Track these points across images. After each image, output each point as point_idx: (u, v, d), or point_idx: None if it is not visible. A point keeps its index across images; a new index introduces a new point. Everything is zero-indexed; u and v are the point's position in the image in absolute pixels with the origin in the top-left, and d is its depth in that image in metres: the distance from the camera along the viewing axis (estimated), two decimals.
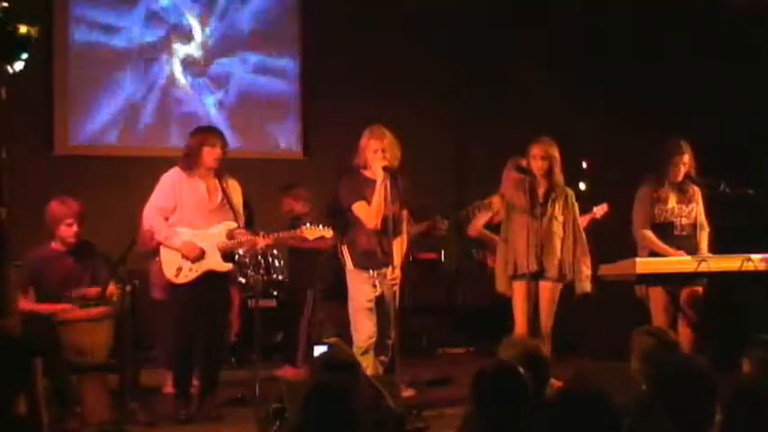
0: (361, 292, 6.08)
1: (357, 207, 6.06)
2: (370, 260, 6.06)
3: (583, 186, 8.11)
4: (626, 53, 9.33)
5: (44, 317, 5.68)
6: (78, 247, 5.91)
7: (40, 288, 5.83)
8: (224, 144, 6.02)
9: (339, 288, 6.53)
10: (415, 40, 9.46)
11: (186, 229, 5.97)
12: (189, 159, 5.98)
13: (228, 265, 6.04)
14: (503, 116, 9.39)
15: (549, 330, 6.14)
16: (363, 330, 6.03)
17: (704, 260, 6.05)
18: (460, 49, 9.53)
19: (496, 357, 3.80)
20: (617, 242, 6.72)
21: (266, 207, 7.68)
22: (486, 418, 3.31)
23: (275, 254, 7.81)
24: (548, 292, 6.16)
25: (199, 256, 5.91)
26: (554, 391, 3.63)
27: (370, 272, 6.07)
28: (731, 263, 6.06)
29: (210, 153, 5.94)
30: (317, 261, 7.53)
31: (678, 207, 6.36)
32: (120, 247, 6.07)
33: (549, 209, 6.18)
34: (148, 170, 6.92)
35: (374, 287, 6.07)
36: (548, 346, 5.87)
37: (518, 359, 3.58)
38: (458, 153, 9.79)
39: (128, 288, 5.71)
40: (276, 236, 6.10)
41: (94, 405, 5.69)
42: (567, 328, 6.50)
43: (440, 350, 8.92)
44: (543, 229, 6.13)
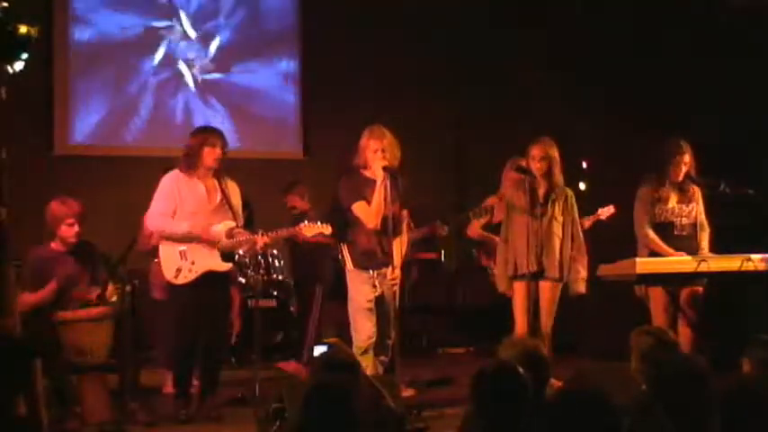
0: (360, 292, 6.09)
1: (357, 207, 6.06)
2: (370, 260, 6.06)
3: (583, 186, 8.11)
4: (626, 53, 9.32)
5: (44, 317, 5.68)
6: (78, 247, 5.91)
7: (40, 288, 5.82)
8: (224, 144, 6.01)
9: (339, 288, 6.53)
10: (415, 40, 9.47)
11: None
12: (189, 159, 5.97)
13: (228, 265, 6.03)
14: (503, 116, 9.40)
15: (549, 330, 6.14)
16: (363, 330, 6.03)
17: (704, 260, 6.05)
18: (460, 49, 9.53)
19: (496, 357, 3.80)
20: (617, 242, 6.71)
21: (266, 207, 7.68)
22: (486, 418, 3.31)
23: (275, 254, 7.82)
24: (548, 292, 6.16)
25: (215, 237, 5.89)
26: (554, 391, 3.64)
27: (370, 272, 6.07)
28: (731, 263, 6.06)
29: (211, 153, 5.93)
30: (323, 258, 7.52)
31: (678, 207, 6.36)
32: (120, 247, 6.08)
33: (549, 209, 6.17)
34: (148, 170, 6.93)
35: (374, 287, 6.07)
36: (548, 346, 5.87)
37: (518, 359, 3.58)
38: (458, 153, 9.79)
39: (128, 288, 5.72)
40: (275, 233, 6.08)
41: (94, 405, 5.69)
42: (567, 328, 6.50)
43: (440, 350, 8.91)
44: (543, 230, 6.13)
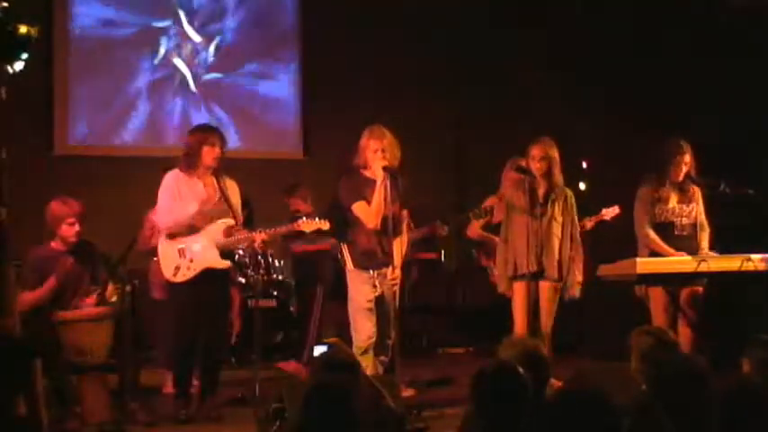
0: (360, 292, 6.08)
1: (357, 207, 6.05)
2: (370, 260, 6.06)
3: (583, 186, 8.12)
4: (626, 53, 9.32)
5: (44, 317, 5.68)
6: (78, 247, 5.91)
7: (40, 288, 5.82)
8: (223, 143, 6.00)
9: (339, 288, 6.53)
10: (415, 40, 9.46)
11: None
12: (188, 158, 5.96)
13: (226, 263, 6.02)
14: (503, 116, 9.39)
15: (549, 330, 6.14)
16: (363, 330, 6.03)
17: (704, 260, 6.05)
18: (460, 49, 9.53)
19: (496, 357, 3.80)
20: (617, 242, 6.71)
21: (266, 207, 7.68)
22: (486, 418, 3.31)
23: (275, 254, 7.81)
24: (547, 293, 6.16)
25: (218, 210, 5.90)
26: (554, 391, 3.64)
27: (370, 272, 6.07)
28: (731, 263, 6.06)
29: (210, 152, 5.92)
30: (323, 258, 7.52)
31: (679, 207, 6.36)
32: (120, 247, 6.07)
33: (549, 209, 6.17)
34: (148, 170, 6.93)
35: (374, 287, 6.06)
36: (547, 346, 5.87)
37: (518, 359, 3.58)
38: (458, 153, 9.78)
39: (128, 288, 5.72)
40: (273, 230, 6.07)
41: (94, 405, 5.68)
42: (567, 328, 6.50)
43: (440, 350, 8.90)
44: (543, 230, 6.13)
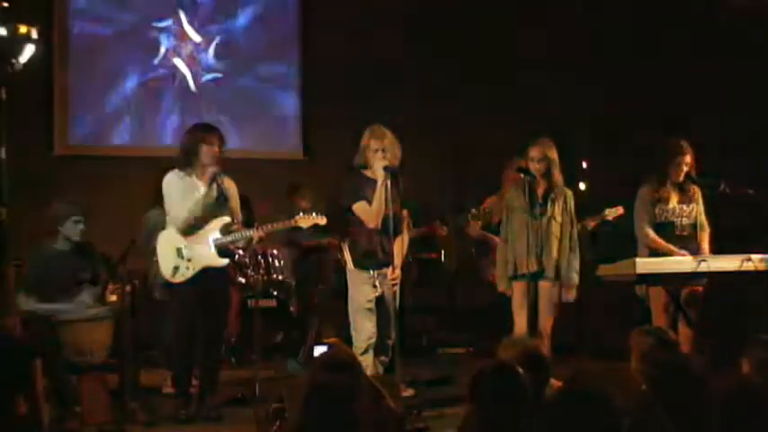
0: (361, 292, 6.08)
1: (358, 207, 6.05)
2: (370, 260, 6.06)
3: (583, 186, 8.12)
4: (626, 53, 9.32)
5: (44, 317, 5.68)
6: (79, 247, 5.92)
7: (41, 287, 5.83)
8: (222, 143, 5.99)
9: (339, 288, 6.53)
10: (415, 40, 9.47)
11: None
12: (186, 157, 5.96)
13: (224, 261, 6.02)
14: (503, 116, 9.40)
15: (549, 330, 6.13)
16: (363, 330, 6.02)
17: (704, 260, 6.05)
18: (460, 49, 9.53)
19: (496, 357, 3.80)
20: (617, 242, 6.71)
21: (266, 207, 7.67)
22: (486, 418, 3.31)
23: (275, 254, 7.81)
24: (547, 292, 6.16)
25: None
26: (554, 391, 3.63)
27: (371, 272, 6.07)
28: (731, 263, 6.06)
29: (208, 151, 5.91)
30: (324, 258, 7.51)
31: (679, 207, 6.36)
32: (120, 247, 6.08)
33: (549, 209, 6.18)
34: (148, 170, 6.92)
35: (374, 287, 6.06)
36: (547, 346, 5.87)
37: (518, 359, 3.57)
38: (458, 153, 9.79)
39: (128, 288, 5.72)
40: (271, 226, 6.06)
41: (94, 405, 5.69)
42: (567, 328, 6.50)
43: (440, 350, 8.90)
44: (543, 230, 6.13)
